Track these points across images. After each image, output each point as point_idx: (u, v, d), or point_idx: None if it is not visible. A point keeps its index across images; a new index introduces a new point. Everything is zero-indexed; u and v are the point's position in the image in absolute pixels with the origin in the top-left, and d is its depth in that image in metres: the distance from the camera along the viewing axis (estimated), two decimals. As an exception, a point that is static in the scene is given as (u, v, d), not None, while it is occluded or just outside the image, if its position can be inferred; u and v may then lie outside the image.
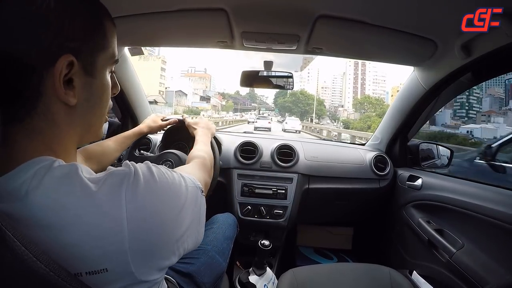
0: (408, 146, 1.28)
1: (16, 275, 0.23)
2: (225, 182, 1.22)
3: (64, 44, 0.30)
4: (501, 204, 0.72)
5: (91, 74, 0.34)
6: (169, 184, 0.34)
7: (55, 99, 0.31)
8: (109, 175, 0.30)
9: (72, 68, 0.31)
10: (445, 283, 0.86)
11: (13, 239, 0.22)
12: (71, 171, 0.29)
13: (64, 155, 0.33)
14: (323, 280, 0.82)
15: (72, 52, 0.30)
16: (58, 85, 0.30)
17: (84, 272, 0.27)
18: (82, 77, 0.33)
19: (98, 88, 0.36)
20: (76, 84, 0.32)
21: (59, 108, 0.31)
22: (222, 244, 0.82)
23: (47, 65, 0.29)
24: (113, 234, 0.27)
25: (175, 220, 0.33)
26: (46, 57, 0.29)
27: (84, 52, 0.32)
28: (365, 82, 78.72)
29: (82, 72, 0.32)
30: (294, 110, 62.94)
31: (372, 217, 1.42)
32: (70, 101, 0.31)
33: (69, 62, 0.30)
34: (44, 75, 0.29)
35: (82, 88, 0.33)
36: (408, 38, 0.78)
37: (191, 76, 79.30)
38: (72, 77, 0.31)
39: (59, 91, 0.30)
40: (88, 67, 0.33)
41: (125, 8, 0.75)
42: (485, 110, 42.83)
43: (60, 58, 0.29)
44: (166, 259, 0.32)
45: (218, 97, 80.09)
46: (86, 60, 0.33)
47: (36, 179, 0.27)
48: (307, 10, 0.71)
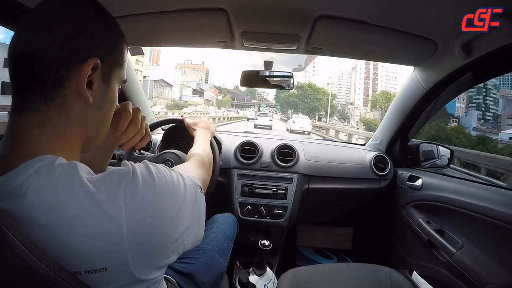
0: (408, 146, 1.28)
1: (16, 275, 0.23)
2: (225, 182, 1.22)
3: (94, 49, 0.34)
4: (501, 204, 0.72)
5: (107, 83, 0.37)
6: (168, 182, 0.34)
7: (74, 94, 0.33)
8: (108, 175, 0.31)
9: (95, 71, 0.34)
10: (445, 283, 0.86)
11: (13, 238, 0.22)
12: (71, 170, 0.29)
13: (69, 153, 0.33)
14: (323, 280, 0.82)
15: (99, 58, 0.34)
16: (82, 82, 0.32)
17: (83, 271, 0.27)
18: (99, 83, 0.35)
19: (110, 97, 0.38)
20: (95, 87, 0.34)
21: (75, 103, 0.33)
22: (222, 244, 0.82)
23: (76, 63, 0.32)
24: (112, 233, 0.28)
25: (174, 219, 0.33)
26: (77, 55, 0.32)
27: (106, 61, 0.35)
28: (377, 78, 69.09)
29: (101, 79, 0.36)
30: (300, 106, 53.60)
31: (372, 217, 1.42)
32: (88, 98, 0.33)
33: (95, 65, 0.33)
34: (71, 70, 0.32)
35: (98, 93, 0.35)
36: (408, 38, 0.78)
37: (184, 67, 72.49)
38: (93, 80, 0.34)
39: (81, 86, 0.32)
40: (106, 76, 0.36)
41: (125, 8, 0.75)
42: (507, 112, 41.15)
43: (89, 59, 0.33)
44: (166, 258, 0.32)
45: (214, 91, 74.47)
46: (106, 69, 0.36)
47: (36, 178, 0.27)
48: (307, 10, 0.71)
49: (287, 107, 58.12)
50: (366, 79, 70.54)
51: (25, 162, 0.29)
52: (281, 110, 61.80)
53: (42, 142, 0.31)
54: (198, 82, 70.12)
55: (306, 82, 56.31)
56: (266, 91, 79.00)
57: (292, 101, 55.74)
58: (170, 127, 1.22)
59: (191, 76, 70.36)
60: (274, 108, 64.05)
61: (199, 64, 77.47)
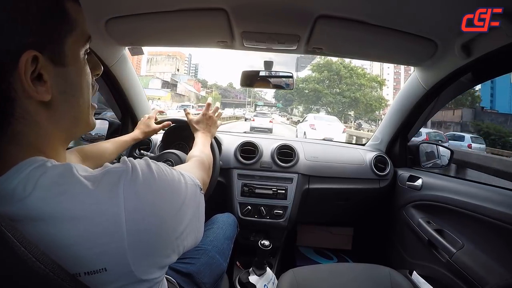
0: (408, 146, 1.28)
1: (16, 276, 0.23)
2: (225, 182, 1.22)
3: (22, 42, 0.27)
4: (501, 204, 0.72)
5: (62, 63, 0.31)
6: (168, 181, 0.34)
7: (29, 100, 0.29)
8: (106, 173, 0.30)
9: (38, 63, 0.28)
10: (445, 283, 0.86)
11: (13, 239, 0.22)
12: (66, 170, 0.29)
13: (54, 155, 0.32)
14: (323, 280, 0.82)
15: (33, 47, 0.28)
16: (26, 85, 0.28)
17: (83, 272, 0.26)
18: (52, 69, 0.30)
19: (74, 75, 0.33)
20: (47, 78, 0.29)
21: (36, 108, 0.30)
22: (222, 244, 0.82)
23: (11, 68, 0.27)
24: (112, 233, 0.27)
25: (174, 218, 0.33)
26: (7, 61, 0.27)
27: (47, 42, 0.29)
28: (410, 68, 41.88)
29: (51, 64, 0.30)
30: (324, 101, 28.19)
31: (372, 217, 1.42)
32: (44, 97, 0.29)
33: (33, 57, 0.28)
34: (10, 78, 0.27)
35: (55, 81, 0.30)
36: (408, 38, 0.78)
37: (156, 55, 58.39)
38: (41, 72, 0.29)
39: (29, 91, 0.28)
40: (56, 57, 0.30)
41: (125, 8, 0.75)
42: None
43: (21, 57, 0.27)
44: (166, 257, 0.32)
45: (195, 84, 58.20)
46: (52, 50, 0.30)
47: (31, 181, 0.27)
48: (307, 10, 0.71)
49: (300, 101, 32.57)
50: (397, 68, 49.46)
51: (14, 166, 0.28)
52: (284, 109, 48.50)
53: (24, 153, 0.29)
54: (174, 72, 56.49)
55: (337, 60, 26.36)
56: (264, 90, 65.08)
57: (308, 94, 29.00)
58: (170, 126, 1.22)
59: (164, 65, 57.51)
60: (273, 108, 50.74)
61: (176, 51, 61.53)
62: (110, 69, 1.04)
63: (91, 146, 0.76)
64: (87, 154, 0.72)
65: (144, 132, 0.93)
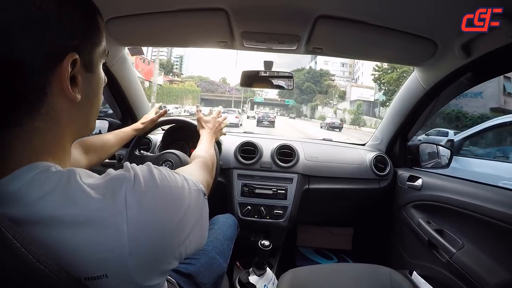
0: (408, 146, 1.28)
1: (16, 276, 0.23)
2: (225, 182, 1.22)
3: (67, 43, 0.30)
4: (501, 204, 0.72)
5: (90, 70, 0.35)
6: (172, 187, 0.33)
7: (60, 98, 0.31)
8: (109, 181, 0.30)
9: (75, 66, 0.31)
10: (445, 283, 0.86)
11: (13, 240, 0.22)
12: (69, 177, 0.28)
13: (61, 154, 0.33)
14: (323, 280, 0.82)
15: (75, 50, 0.31)
16: (65, 84, 0.30)
17: (83, 278, 0.26)
18: (83, 74, 0.33)
19: (95, 82, 0.36)
20: (79, 81, 0.32)
21: (62, 106, 0.31)
22: (222, 245, 0.82)
23: (53, 66, 0.29)
24: (113, 240, 0.27)
25: (177, 226, 0.32)
26: (51, 58, 0.29)
27: (84, 49, 0.32)
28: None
29: (83, 69, 0.33)
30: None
31: (372, 217, 1.42)
32: (76, 98, 0.32)
33: (74, 60, 0.30)
34: (49, 75, 0.29)
35: (83, 84, 0.33)
36: (408, 38, 0.78)
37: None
38: (75, 75, 0.31)
39: (66, 90, 0.30)
40: (88, 64, 0.34)
41: (125, 8, 0.75)
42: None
43: (66, 57, 0.30)
44: (168, 264, 0.32)
45: (148, 69, 34.97)
46: (86, 57, 0.33)
47: (34, 185, 0.27)
48: (307, 10, 0.71)
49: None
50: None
51: (18, 169, 0.28)
52: (298, 107, 38.55)
53: (33, 152, 0.30)
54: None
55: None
56: (264, 90, 56.92)
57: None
58: (171, 126, 1.22)
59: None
60: (276, 108, 39.29)
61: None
62: (110, 69, 1.04)
63: (93, 138, 0.77)
64: (89, 146, 0.72)
65: (143, 123, 0.97)
